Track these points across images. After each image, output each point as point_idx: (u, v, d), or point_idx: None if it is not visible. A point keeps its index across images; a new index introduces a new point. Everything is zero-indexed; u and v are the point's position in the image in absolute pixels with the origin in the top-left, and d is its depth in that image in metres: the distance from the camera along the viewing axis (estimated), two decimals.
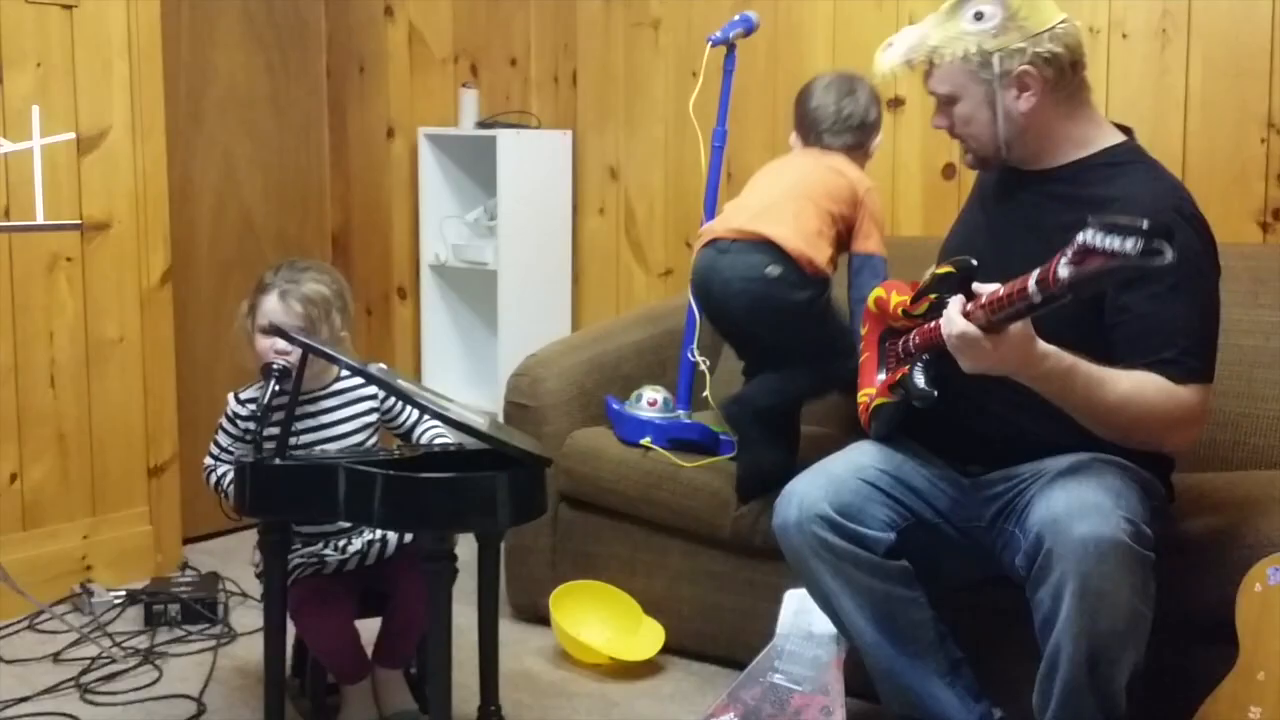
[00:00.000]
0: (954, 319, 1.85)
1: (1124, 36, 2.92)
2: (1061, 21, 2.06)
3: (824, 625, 2.27)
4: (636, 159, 3.80)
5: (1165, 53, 2.89)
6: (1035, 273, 1.70)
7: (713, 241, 2.51)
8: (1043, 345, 1.86)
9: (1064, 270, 1.64)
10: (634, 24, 3.74)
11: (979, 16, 2.05)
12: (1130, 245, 1.55)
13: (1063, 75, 2.05)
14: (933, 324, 1.96)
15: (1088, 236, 1.60)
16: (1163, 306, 1.94)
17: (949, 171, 3.18)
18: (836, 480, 2.11)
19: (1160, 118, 2.88)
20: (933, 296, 1.99)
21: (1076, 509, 1.85)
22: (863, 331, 2.27)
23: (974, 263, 1.92)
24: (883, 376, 2.19)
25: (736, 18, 2.94)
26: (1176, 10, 2.86)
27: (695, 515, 2.64)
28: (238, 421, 2.45)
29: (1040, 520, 1.88)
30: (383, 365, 2.43)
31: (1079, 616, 1.83)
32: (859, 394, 2.26)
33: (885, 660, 2.13)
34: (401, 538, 2.42)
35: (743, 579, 2.60)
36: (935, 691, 2.12)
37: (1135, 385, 1.90)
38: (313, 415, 2.41)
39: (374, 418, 2.45)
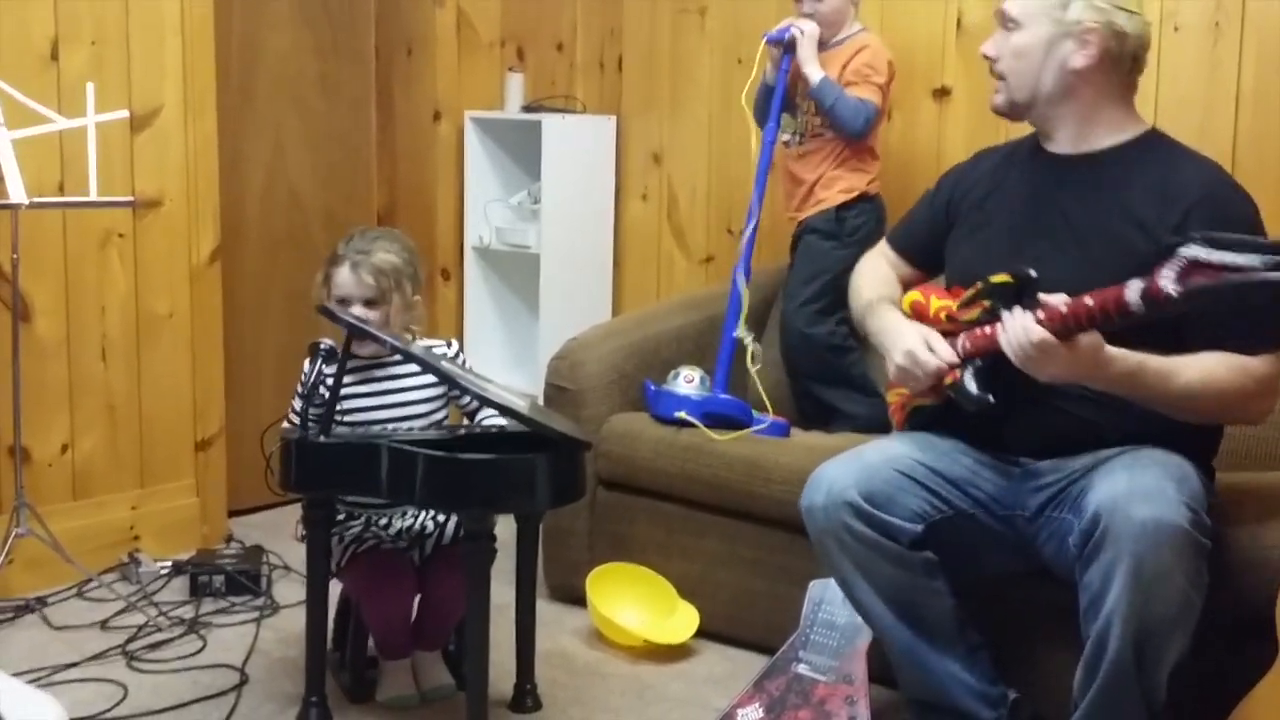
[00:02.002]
0: (1030, 328, 1.86)
1: (1176, 29, 2.90)
2: (1142, 17, 2.10)
3: (848, 615, 2.28)
4: (680, 145, 3.81)
5: (1218, 47, 2.86)
6: (1135, 285, 1.73)
7: None
8: (1110, 350, 1.88)
9: (1171, 285, 1.66)
10: (680, 10, 3.74)
11: None
12: (1256, 260, 1.58)
13: (1122, 57, 2.08)
14: (988, 329, 1.98)
15: (1193, 251, 1.62)
16: None
17: None
18: (869, 468, 2.11)
19: (1212, 112, 2.86)
20: (986, 303, 2.00)
21: (1140, 491, 1.85)
22: None
23: (1033, 274, 1.93)
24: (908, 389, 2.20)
25: (785, 25, 2.96)
26: (1230, 3, 2.83)
27: (733, 488, 2.66)
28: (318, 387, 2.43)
29: (1100, 500, 1.87)
30: (451, 341, 2.47)
31: (1132, 599, 1.82)
32: (888, 393, 2.27)
33: (902, 644, 2.14)
34: (456, 530, 2.44)
35: (776, 564, 2.62)
36: (952, 674, 2.13)
37: (1204, 370, 1.93)
38: (381, 380, 2.44)
39: (443, 389, 2.47)
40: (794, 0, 3.04)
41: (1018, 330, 1.88)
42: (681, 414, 2.76)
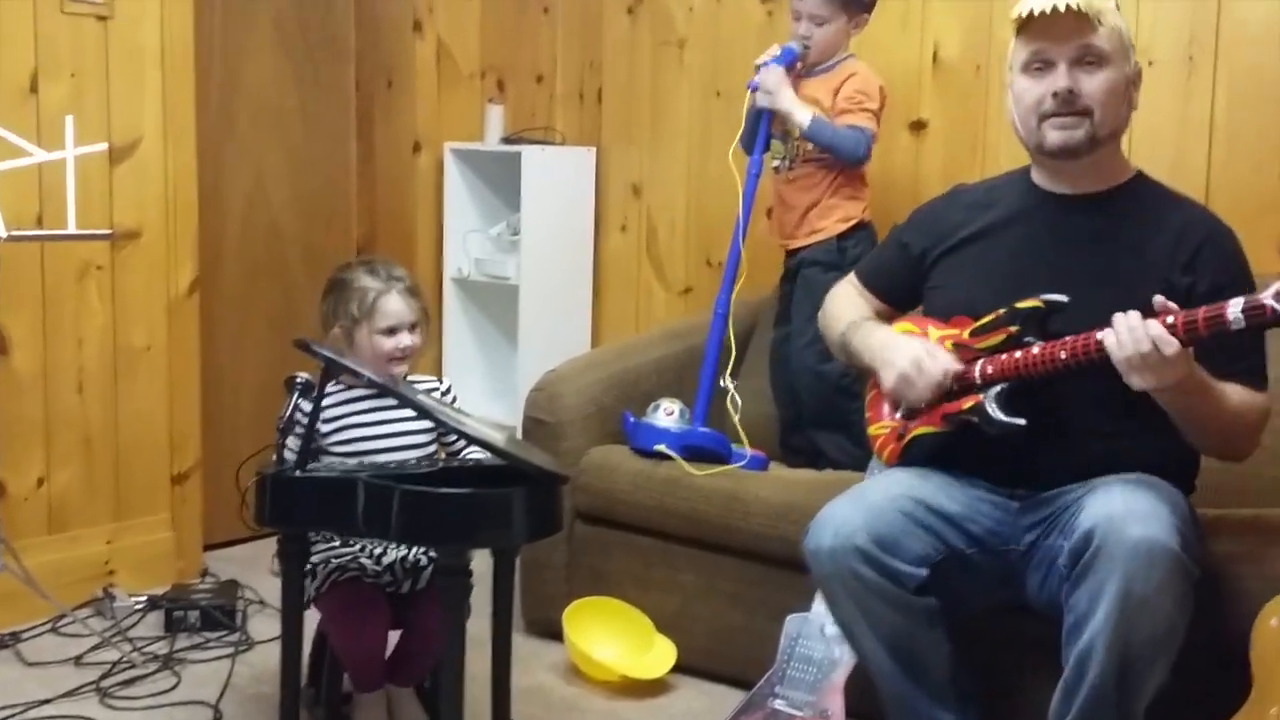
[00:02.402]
0: (1164, 338, 1.84)
1: (1150, 64, 2.92)
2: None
3: (824, 650, 2.28)
4: (659, 177, 3.82)
5: (1191, 80, 2.88)
6: (1238, 301, 1.80)
7: None
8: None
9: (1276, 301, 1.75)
10: (660, 43, 3.77)
11: (1117, 6, 2.12)
12: None
13: (1134, 104, 2.16)
14: (1017, 354, 2.00)
15: None
16: None
17: None
18: (875, 510, 2.07)
19: (1185, 146, 2.89)
20: (1013, 329, 2.03)
21: (1134, 511, 1.86)
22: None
23: (1065, 300, 1.99)
24: (898, 416, 2.19)
25: (777, 51, 2.93)
26: (1204, 37, 2.86)
27: (711, 521, 2.65)
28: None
29: (1093, 518, 1.88)
30: (444, 380, 2.51)
31: (1118, 621, 1.82)
32: (872, 426, 2.26)
33: (897, 690, 2.12)
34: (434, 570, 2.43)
35: (754, 598, 2.61)
36: None
37: (1240, 397, 2.01)
38: (382, 410, 2.44)
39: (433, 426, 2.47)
40: (792, 20, 2.98)
41: (1140, 338, 1.86)
42: (660, 447, 2.76)
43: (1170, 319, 1.85)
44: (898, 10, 3.24)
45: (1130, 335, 1.86)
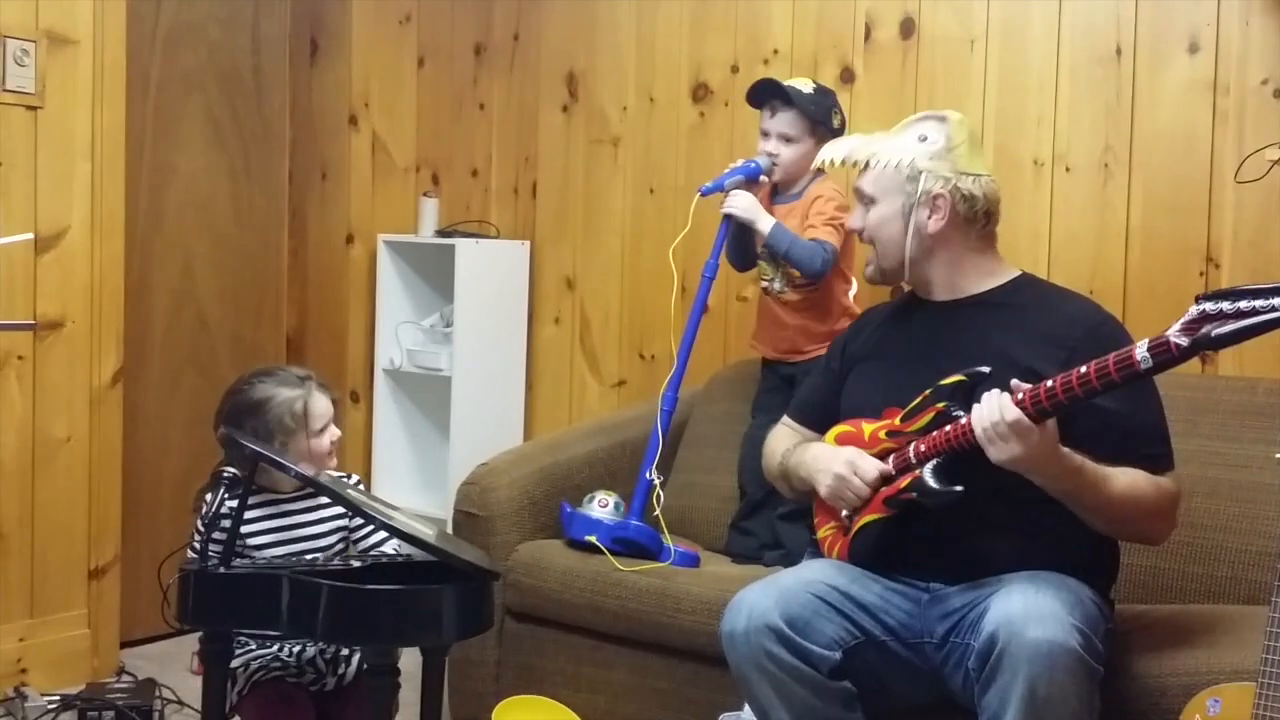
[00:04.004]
0: (1007, 406, 1.93)
1: (1067, 170, 3.03)
2: (988, 176, 2.28)
3: None
4: (593, 270, 3.85)
5: (1107, 187, 2.98)
6: (1145, 342, 1.84)
7: None
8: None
9: (1181, 337, 1.79)
10: (594, 140, 3.82)
11: (922, 139, 2.27)
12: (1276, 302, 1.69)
13: (974, 216, 2.25)
14: (947, 429, 2.05)
15: (1203, 306, 1.76)
16: (1137, 405, 2.10)
17: None
18: (787, 593, 2.11)
19: (1102, 249, 2.97)
20: (940, 406, 2.09)
21: (1034, 613, 1.88)
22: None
23: (986, 371, 2.06)
24: (844, 514, 2.22)
25: (738, 164, 2.93)
26: (1119, 145, 2.97)
27: (641, 618, 2.63)
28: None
29: (995, 621, 1.91)
30: (352, 475, 2.45)
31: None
32: (817, 532, 2.29)
33: None
34: (361, 663, 2.39)
35: (685, 696, 2.59)
36: None
37: (1131, 480, 2.05)
38: (285, 515, 2.40)
39: (346, 520, 2.45)
40: (760, 137, 2.99)
41: (993, 407, 1.95)
42: (591, 538, 2.75)
43: (1020, 395, 1.94)
44: None
45: (986, 406, 1.97)
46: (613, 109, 3.78)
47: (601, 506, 2.81)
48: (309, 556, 2.38)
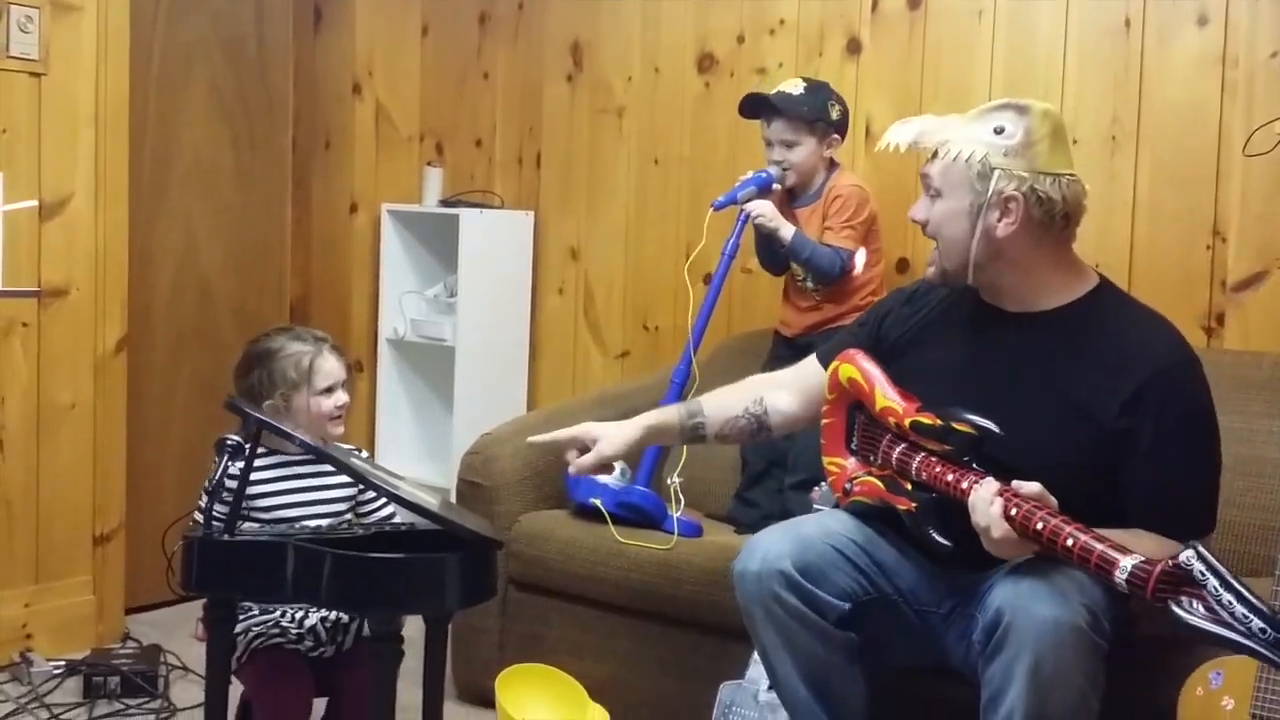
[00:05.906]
0: (996, 522, 1.85)
1: (1075, 142, 2.99)
2: (1071, 175, 2.06)
3: (758, 717, 2.27)
4: (597, 241, 3.85)
5: (1115, 159, 2.97)
6: (1130, 561, 1.69)
7: None
8: None
9: (1162, 586, 1.64)
10: (599, 110, 3.81)
11: (999, 131, 2.04)
12: (1243, 625, 1.56)
13: (1051, 220, 2.04)
14: (950, 477, 1.96)
15: (1195, 565, 1.61)
16: (1180, 475, 1.99)
17: (902, 265, 3.24)
18: (804, 540, 2.10)
19: (1108, 222, 2.96)
20: (948, 447, 1.98)
21: (1042, 591, 1.87)
22: (827, 396, 2.25)
23: (997, 431, 1.93)
24: (851, 462, 2.20)
25: (748, 175, 2.94)
26: (1127, 118, 2.95)
27: (643, 589, 2.64)
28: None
29: (1002, 596, 1.90)
30: (362, 450, 2.46)
31: (1030, 696, 1.83)
32: (825, 460, 2.26)
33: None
34: (360, 631, 2.40)
35: (688, 665, 2.60)
36: None
37: (1148, 546, 1.86)
38: (298, 477, 2.41)
39: (355, 489, 2.46)
40: (766, 147, 2.99)
41: (985, 514, 1.88)
42: (596, 501, 2.76)
43: (1013, 510, 1.84)
44: None
45: (980, 510, 1.89)
46: (617, 79, 3.76)
47: (608, 472, 2.82)
48: (316, 521, 2.39)
